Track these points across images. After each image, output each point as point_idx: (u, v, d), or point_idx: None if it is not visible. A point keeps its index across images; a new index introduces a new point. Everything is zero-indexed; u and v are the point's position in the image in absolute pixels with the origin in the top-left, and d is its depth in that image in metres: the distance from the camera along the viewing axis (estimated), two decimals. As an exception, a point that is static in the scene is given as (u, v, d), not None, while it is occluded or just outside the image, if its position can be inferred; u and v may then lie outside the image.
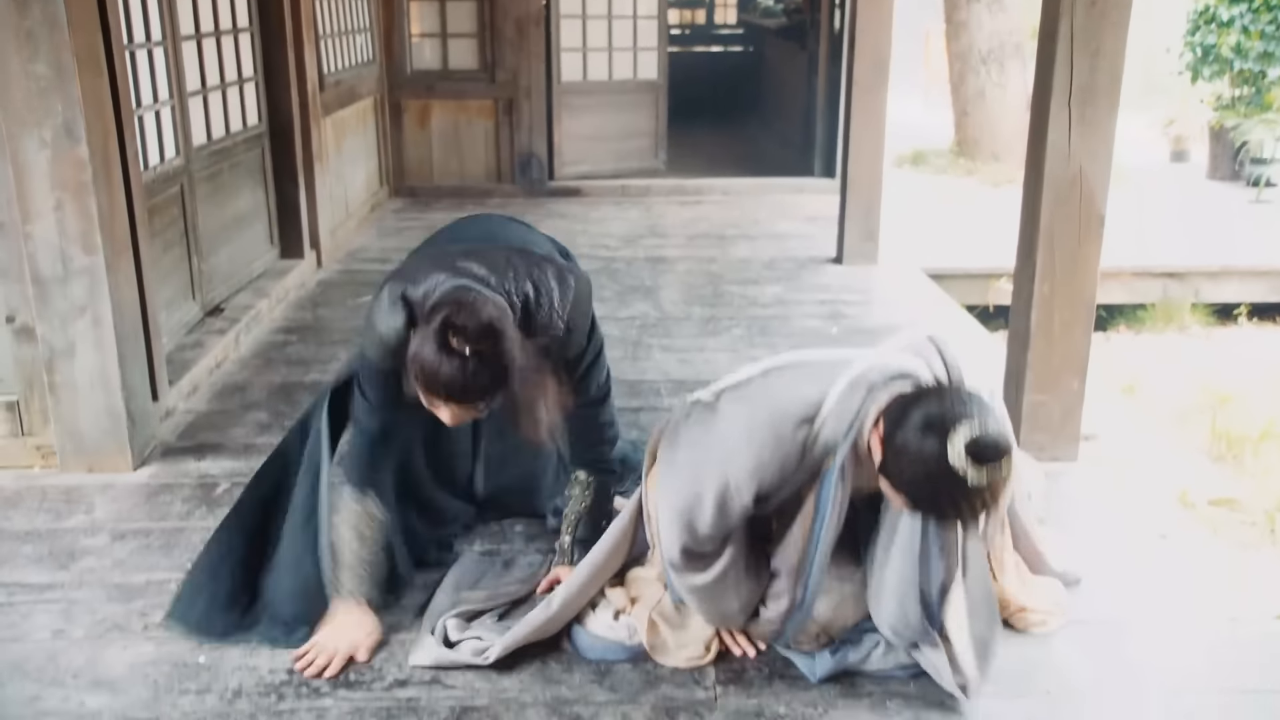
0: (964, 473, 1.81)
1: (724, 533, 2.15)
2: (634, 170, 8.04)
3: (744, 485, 2.05)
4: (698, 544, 2.15)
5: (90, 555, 2.74)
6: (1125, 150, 9.49)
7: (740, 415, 2.10)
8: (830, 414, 2.03)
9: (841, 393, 2.03)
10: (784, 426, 2.04)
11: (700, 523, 2.11)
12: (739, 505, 2.08)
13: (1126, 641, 2.40)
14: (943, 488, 1.85)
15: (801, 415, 2.04)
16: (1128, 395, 5.20)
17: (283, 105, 5.17)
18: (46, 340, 3.08)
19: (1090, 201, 3.11)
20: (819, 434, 2.04)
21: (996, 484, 1.84)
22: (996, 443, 1.82)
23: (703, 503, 2.09)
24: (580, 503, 2.56)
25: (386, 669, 2.29)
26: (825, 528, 2.11)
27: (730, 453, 2.07)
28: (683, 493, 2.12)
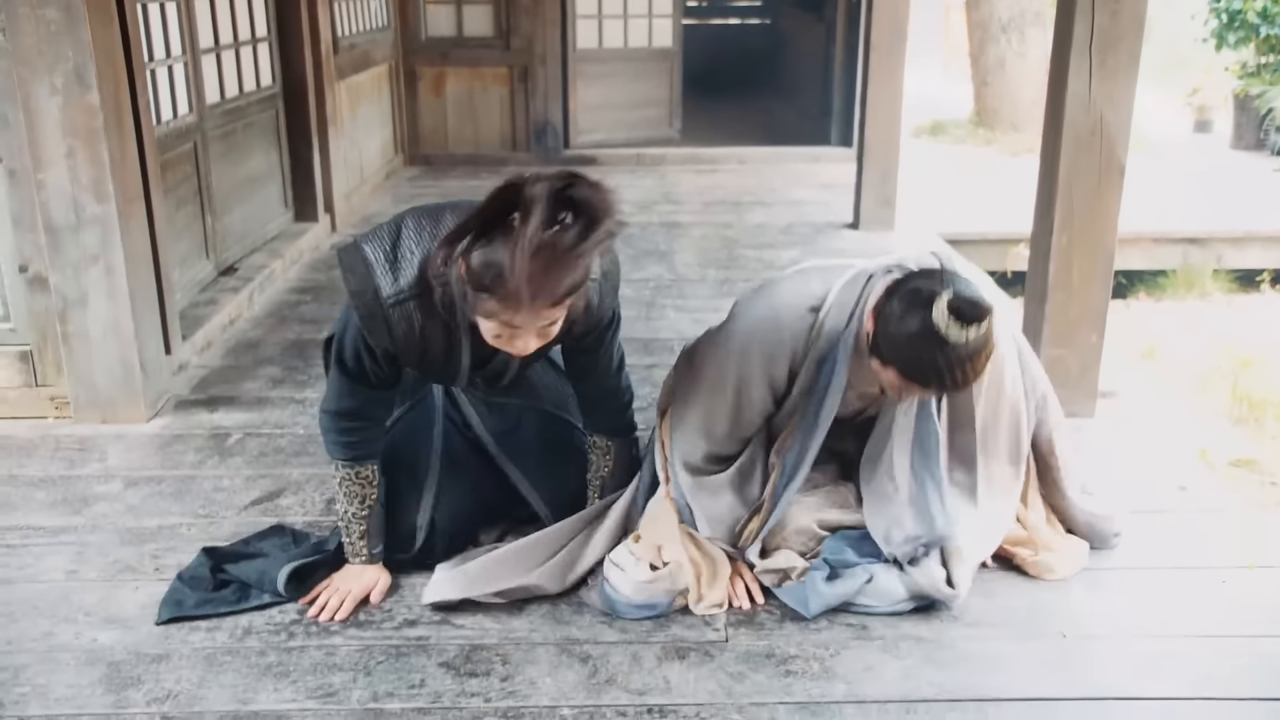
0: (946, 330, 1.90)
1: (742, 434, 2.26)
2: (649, 139, 8.00)
3: (757, 376, 2.18)
4: (717, 445, 2.25)
5: (103, 501, 2.74)
6: (1147, 122, 9.45)
7: (750, 314, 2.23)
8: (834, 304, 2.15)
9: (844, 285, 2.16)
10: (790, 315, 2.17)
11: (719, 423, 2.23)
12: (755, 400, 2.20)
13: (1142, 588, 2.37)
14: (926, 350, 1.93)
15: (807, 305, 2.17)
16: (1147, 359, 5.15)
17: (296, 66, 5.15)
18: (59, 290, 3.08)
19: (1110, 151, 3.06)
20: (823, 323, 2.15)
21: (979, 347, 1.93)
22: (977, 301, 1.91)
23: (720, 400, 2.21)
24: (603, 467, 2.47)
25: (396, 610, 2.28)
26: (824, 410, 2.19)
27: (743, 347, 2.19)
28: (701, 394, 2.24)
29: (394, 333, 2.02)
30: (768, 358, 2.18)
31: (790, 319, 2.16)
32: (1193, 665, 2.10)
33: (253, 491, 2.80)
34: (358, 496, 2.29)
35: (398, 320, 2.00)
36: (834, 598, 2.24)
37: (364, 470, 2.28)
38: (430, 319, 2.01)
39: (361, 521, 2.31)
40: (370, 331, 2.04)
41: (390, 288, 1.98)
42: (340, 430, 2.24)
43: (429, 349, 2.07)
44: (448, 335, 2.06)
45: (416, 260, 1.99)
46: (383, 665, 2.10)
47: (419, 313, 2.00)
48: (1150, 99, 10.61)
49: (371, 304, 2.00)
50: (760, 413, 2.25)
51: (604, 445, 2.46)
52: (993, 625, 2.23)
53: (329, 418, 2.24)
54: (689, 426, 2.30)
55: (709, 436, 2.28)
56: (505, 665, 2.10)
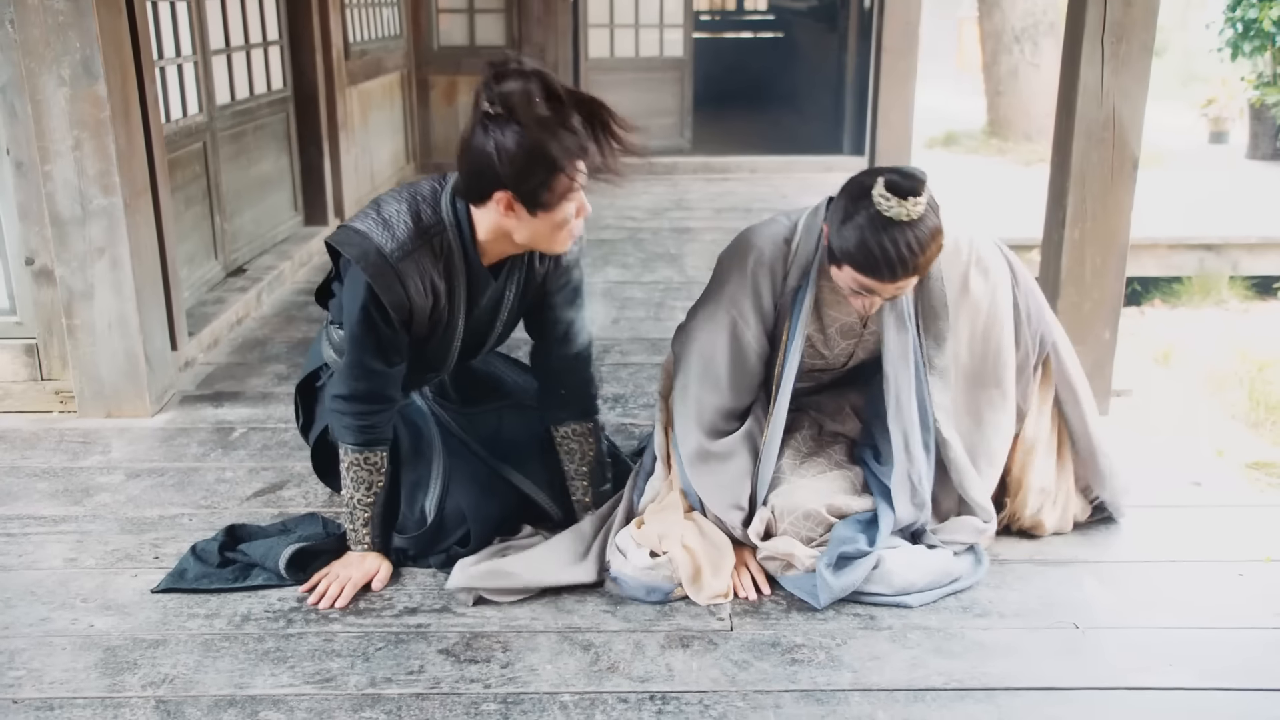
0: (887, 208, 2.00)
1: (747, 381, 2.33)
2: (660, 148, 7.98)
3: (749, 313, 2.28)
4: (724, 395, 2.31)
5: (105, 492, 2.72)
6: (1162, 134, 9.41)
7: (729, 261, 2.32)
8: (803, 231, 2.28)
9: (809, 213, 2.30)
10: (767, 250, 2.28)
11: (721, 370, 2.30)
12: (751, 340, 2.30)
13: (1156, 580, 2.32)
14: (873, 234, 2.02)
15: (781, 237, 2.29)
16: (1162, 365, 5.10)
17: (307, 71, 5.16)
18: (65, 282, 3.07)
19: (1123, 142, 3.02)
20: (797, 249, 2.27)
21: (923, 221, 2.02)
22: (910, 173, 2.03)
23: (719, 347, 2.29)
24: (588, 453, 2.44)
25: (397, 598, 2.25)
26: (795, 337, 2.28)
27: (731, 293, 2.28)
28: (700, 347, 2.32)
29: (406, 285, 2.11)
30: (754, 293, 2.28)
31: (767, 252, 2.27)
32: (1208, 656, 2.05)
33: (255, 483, 2.77)
34: (365, 483, 2.27)
35: (407, 274, 2.11)
36: (842, 589, 2.20)
37: (373, 456, 2.26)
38: (434, 264, 2.14)
39: (366, 508, 2.29)
40: (384, 289, 2.09)
41: (391, 244, 2.09)
42: (353, 414, 2.23)
43: (437, 303, 2.18)
44: (449, 280, 2.18)
45: (406, 215, 2.12)
46: (381, 652, 2.06)
47: (425, 260, 2.12)
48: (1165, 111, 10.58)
49: (378, 262, 2.08)
50: (758, 354, 2.32)
51: (582, 430, 2.43)
52: (1003, 616, 2.18)
53: (340, 401, 2.23)
54: (695, 383, 2.33)
55: (716, 387, 2.31)
56: (506, 652, 2.06)
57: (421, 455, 2.42)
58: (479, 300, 2.25)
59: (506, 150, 1.94)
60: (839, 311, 2.34)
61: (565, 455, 2.43)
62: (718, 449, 2.32)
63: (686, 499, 2.36)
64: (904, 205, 2.01)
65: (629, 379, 3.55)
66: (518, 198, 2.00)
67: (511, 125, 1.92)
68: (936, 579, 2.25)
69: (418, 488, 2.39)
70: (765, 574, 2.29)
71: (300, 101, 5.18)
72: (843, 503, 2.33)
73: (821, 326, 2.37)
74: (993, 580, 2.30)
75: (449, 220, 2.14)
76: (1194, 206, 6.95)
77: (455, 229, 2.14)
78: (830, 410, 2.60)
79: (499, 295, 2.28)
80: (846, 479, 2.41)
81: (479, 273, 2.20)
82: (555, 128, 1.92)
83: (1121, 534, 2.51)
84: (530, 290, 2.32)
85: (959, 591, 2.26)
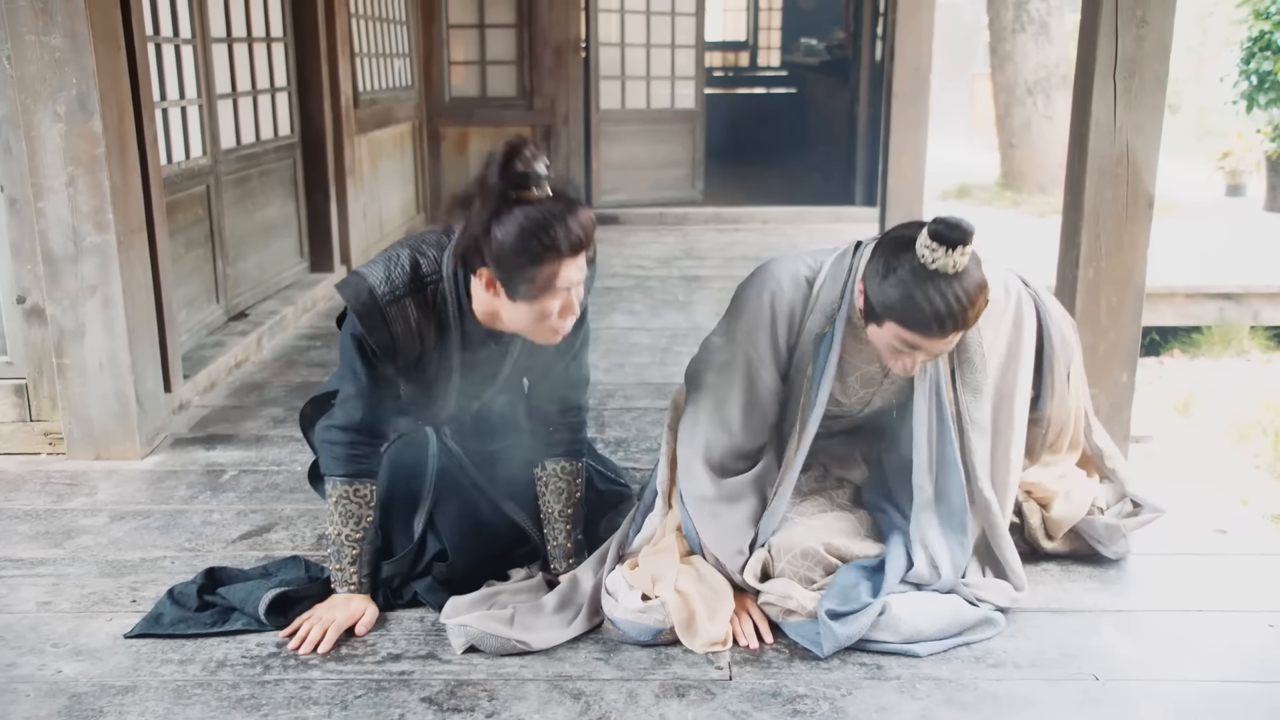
0: (933, 260, 1.89)
1: (758, 421, 2.22)
2: (672, 199, 7.97)
3: (764, 352, 2.17)
4: (735, 435, 2.20)
5: (87, 534, 2.64)
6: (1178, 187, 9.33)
7: (747, 296, 2.22)
8: (827, 276, 2.17)
9: (835, 259, 2.20)
10: (787, 288, 2.18)
11: (734, 410, 2.19)
12: (766, 379, 2.19)
13: (1181, 631, 2.20)
14: (918, 288, 1.91)
15: (803, 277, 2.20)
16: (1182, 414, 4.97)
17: (315, 117, 5.15)
18: (56, 321, 3.02)
19: (1137, 179, 2.94)
20: (819, 294, 2.17)
21: (971, 274, 1.92)
22: (957, 223, 1.91)
23: (733, 385, 2.19)
24: (575, 493, 2.34)
25: (381, 644, 2.15)
26: (820, 389, 2.17)
27: (747, 328, 2.18)
28: (713, 384, 2.21)
29: (391, 328, 2.08)
30: (770, 332, 2.18)
31: (788, 290, 2.18)
32: (1238, 711, 1.93)
33: (242, 526, 2.69)
34: (353, 517, 2.20)
35: (394, 316, 2.08)
36: (847, 637, 2.09)
37: (362, 489, 2.20)
38: (425, 314, 2.10)
39: (354, 545, 2.20)
40: (370, 327, 2.08)
41: (384, 286, 2.07)
42: (345, 444, 2.19)
43: (425, 349, 2.14)
44: (440, 331, 2.13)
45: (405, 261, 2.09)
46: (361, 700, 1.96)
47: (414, 308, 2.09)
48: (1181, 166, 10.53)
49: (368, 301, 2.07)
50: (772, 392, 2.22)
51: (570, 469, 2.34)
52: (1018, 666, 2.06)
53: (334, 431, 2.20)
54: (705, 421, 2.22)
55: (726, 426, 2.21)
56: (492, 701, 1.95)
57: (419, 476, 2.38)
58: (475, 353, 2.21)
59: (500, 230, 1.90)
60: (860, 360, 2.24)
61: (551, 494, 2.34)
62: (724, 491, 2.22)
63: (685, 540, 2.26)
64: (950, 256, 1.90)
65: (632, 423, 3.46)
66: (499, 280, 1.97)
67: (512, 209, 1.90)
68: (947, 628, 2.13)
69: (410, 508, 2.35)
70: (767, 620, 2.17)
71: (308, 148, 5.17)
72: (842, 544, 2.23)
73: (841, 375, 2.27)
74: (1007, 628, 2.18)
75: (447, 273, 2.10)
76: (1211, 256, 6.86)
77: (451, 282, 2.10)
78: (838, 454, 2.51)
79: (502, 351, 2.24)
80: (848, 520, 2.31)
81: (474, 329, 2.15)
82: (552, 223, 1.89)
83: (1143, 581, 2.39)
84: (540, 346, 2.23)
85: (971, 643, 2.14)
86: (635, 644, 2.12)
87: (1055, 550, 2.48)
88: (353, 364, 2.15)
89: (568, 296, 1.99)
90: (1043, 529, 2.47)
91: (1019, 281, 2.37)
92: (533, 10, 7.33)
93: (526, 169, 1.88)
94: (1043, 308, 2.38)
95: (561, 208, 1.91)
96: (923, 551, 2.21)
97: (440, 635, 2.17)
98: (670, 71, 7.92)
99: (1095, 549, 2.47)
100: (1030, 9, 9.40)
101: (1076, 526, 2.48)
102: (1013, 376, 2.30)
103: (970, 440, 2.22)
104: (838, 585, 2.16)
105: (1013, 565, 2.25)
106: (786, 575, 2.18)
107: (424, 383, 2.24)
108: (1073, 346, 2.46)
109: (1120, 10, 2.86)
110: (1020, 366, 2.31)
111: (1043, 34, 9.39)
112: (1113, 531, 2.44)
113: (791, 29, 13.39)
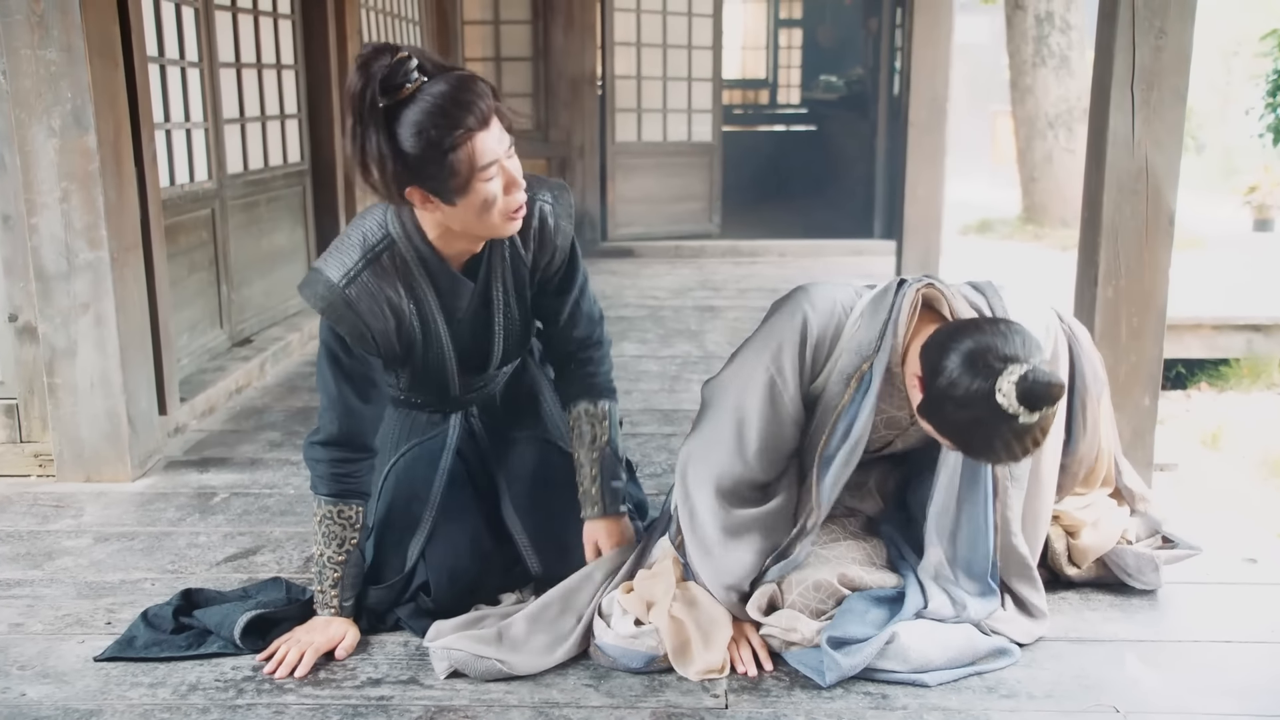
0: (1015, 415, 1.74)
1: (777, 448, 2.06)
2: (688, 232, 7.91)
3: (789, 371, 2.02)
4: (751, 463, 2.05)
5: (68, 555, 2.56)
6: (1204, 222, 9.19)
7: (780, 313, 2.08)
8: (864, 312, 2.02)
9: (874, 295, 2.04)
10: (822, 307, 2.04)
11: (752, 432, 2.03)
12: (788, 403, 2.03)
13: (1208, 662, 2.07)
14: (994, 430, 1.76)
15: (841, 304, 2.05)
16: (1211, 448, 4.82)
17: (326, 145, 5.13)
18: (48, 339, 2.96)
19: (1158, 194, 2.84)
20: (857, 328, 2.02)
21: (1047, 420, 1.77)
22: (1049, 382, 1.74)
23: (753, 402, 2.03)
24: (600, 435, 2.24)
25: (361, 668, 2.05)
26: (853, 435, 2.00)
27: (776, 345, 2.03)
28: (732, 400, 2.07)
29: (358, 310, 1.97)
30: (798, 355, 2.03)
31: (822, 316, 2.04)
32: (1272, 746, 1.79)
33: (228, 548, 2.60)
34: (336, 539, 2.10)
35: (357, 298, 1.97)
36: (851, 667, 1.97)
37: (347, 510, 2.10)
38: (386, 282, 1.99)
39: (336, 567, 2.11)
40: (336, 319, 1.98)
41: (338, 271, 1.98)
42: (328, 460, 2.09)
43: (401, 322, 2.03)
44: (412, 296, 2.03)
45: (353, 238, 2.01)
46: (335, 726, 1.86)
47: (373, 280, 1.98)
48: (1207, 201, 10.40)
49: (326, 294, 1.97)
50: (793, 418, 2.06)
51: (594, 411, 2.25)
52: (1033, 697, 1.93)
53: (316, 448, 2.10)
54: (721, 442, 2.07)
55: (742, 450, 2.05)
56: (472, 729, 1.85)
57: (411, 507, 2.27)
58: (458, 306, 2.10)
59: (398, 143, 1.79)
60: (889, 405, 2.09)
61: (576, 439, 2.26)
62: (730, 523, 2.07)
63: (680, 565, 2.15)
64: (1034, 415, 1.75)
65: (638, 449, 3.36)
66: (429, 191, 1.86)
67: (398, 115, 1.79)
68: (958, 656, 2.01)
69: (408, 532, 2.25)
70: (767, 647, 2.06)
71: (318, 176, 5.14)
72: (857, 574, 2.11)
73: None
74: (1023, 657, 2.05)
75: (396, 232, 2.00)
76: (1239, 288, 6.71)
77: (406, 240, 2.00)
78: (850, 485, 2.37)
79: (484, 296, 2.13)
80: (863, 550, 2.19)
81: (448, 278, 2.05)
82: (443, 107, 1.77)
83: (1169, 610, 2.26)
84: (528, 282, 2.15)
85: (983, 673, 2.02)
86: (627, 671, 2.01)
87: (1079, 577, 2.35)
88: (323, 372, 2.07)
89: (502, 171, 1.85)
90: (1066, 555, 2.35)
91: (1057, 319, 2.23)
92: (548, 44, 7.34)
93: (388, 69, 1.76)
94: (1075, 342, 2.26)
95: (445, 86, 1.78)
96: (942, 592, 2.09)
97: (423, 660, 2.07)
98: (687, 105, 7.89)
99: (1123, 580, 2.35)
100: (1050, 42, 9.35)
101: (1104, 557, 2.35)
102: None
103: (1008, 496, 2.09)
104: (842, 613, 2.05)
105: (1036, 605, 2.14)
106: (797, 607, 2.07)
107: (421, 363, 2.14)
108: (1104, 382, 2.35)
109: (1137, 20, 2.77)
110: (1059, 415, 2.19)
111: (1063, 67, 9.32)
112: (1143, 561, 2.31)
113: (811, 67, 13.41)
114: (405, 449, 2.36)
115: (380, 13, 6.09)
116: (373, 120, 1.79)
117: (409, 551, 2.23)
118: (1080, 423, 2.21)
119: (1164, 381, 6.01)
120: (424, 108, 1.78)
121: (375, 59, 1.77)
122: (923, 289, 2.02)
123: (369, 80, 1.77)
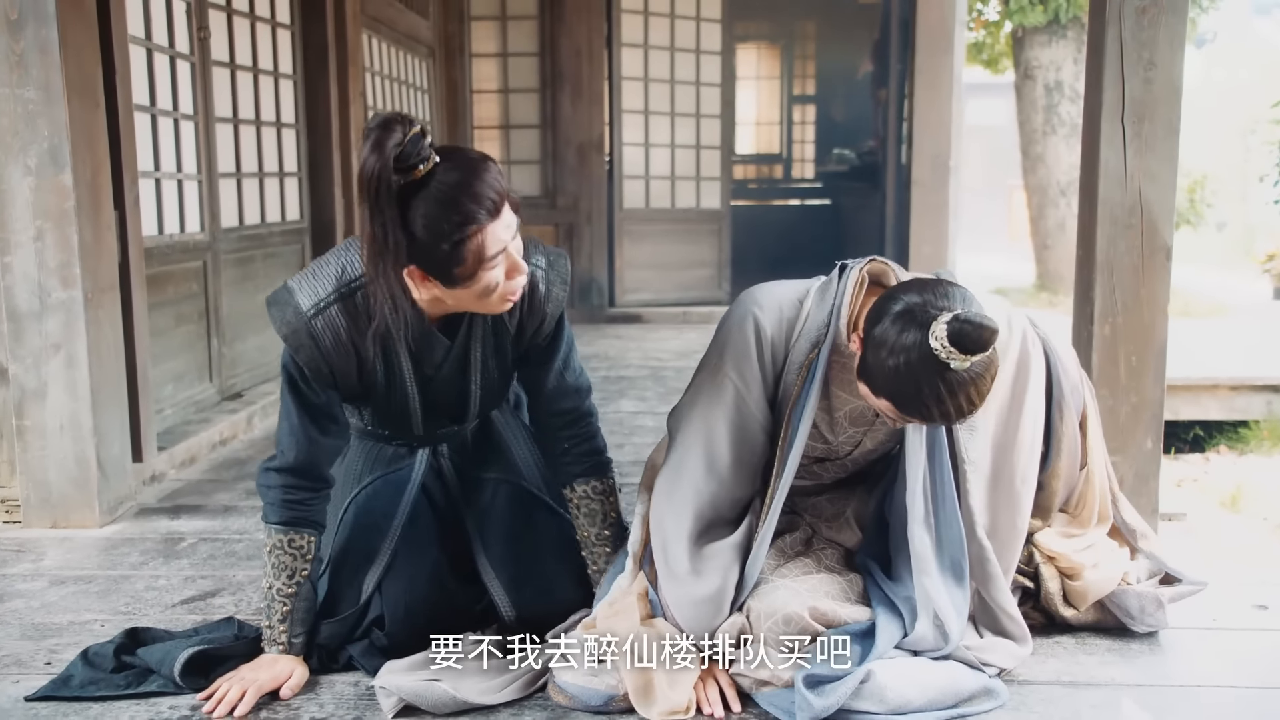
0: (947, 359, 1.70)
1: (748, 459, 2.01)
2: (697, 299, 7.86)
3: (753, 378, 1.98)
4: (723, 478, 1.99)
5: (20, 598, 2.47)
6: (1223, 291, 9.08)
7: (731, 322, 2.04)
8: (814, 300, 2.00)
9: (822, 283, 2.02)
10: (769, 307, 2.00)
11: (721, 446, 1.98)
12: (754, 410, 1.99)
13: (1216, 710, 1.93)
14: (925, 380, 1.72)
15: (792, 298, 2.02)
16: (1230, 509, 4.65)
17: (326, 205, 5.13)
18: (18, 380, 2.91)
19: (1153, 230, 2.76)
20: (807, 318, 1.98)
21: (982, 370, 1.73)
22: (981, 324, 1.69)
23: (720, 416, 1.98)
24: (609, 516, 2.17)
25: (305, 708, 1.93)
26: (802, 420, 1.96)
27: (736, 354, 1.99)
28: (699, 419, 2.00)
29: (320, 345, 1.91)
30: (756, 361, 1.99)
31: (771, 316, 2.00)
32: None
33: (188, 590, 2.50)
34: (286, 569, 2.01)
35: (321, 330, 1.92)
36: (825, 708, 1.83)
37: (298, 539, 2.02)
38: (355, 322, 1.92)
39: (286, 600, 2.01)
40: (296, 349, 1.92)
41: (309, 300, 1.91)
42: (281, 487, 2.02)
43: (364, 364, 1.96)
44: (382, 346, 1.96)
45: (330, 270, 1.94)
46: (267, 767, 1.74)
47: (342, 317, 1.91)
48: (1229, 275, 10.30)
49: (291, 320, 1.91)
50: (762, 426, 2.01)
51: (603, 487, 2.18)
52: (1020, 741, 1.80)
53: (271, 474, 2.04)
54: (691, 467, 2.00)
55: (714, 467, 1.99)
56: (413, 771, 1.72)
57: (380, 532, 2.17)
58: (429, 360, 2.03)
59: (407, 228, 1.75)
60: (850, 393, 2.03)
61: (585, 519, 2.16)
62: (715, 552, 1.99)
63: (648, 604, 2.03)
64: (966, 360, 1.70)
65: (625, 500, 3.24)
66: (430, 274, 1.81)
67: (410, 201, 1.74)
68: (939, 698, 1.87)
69: (364, 564, 2.14)
70: (735, 687, 1.93)
71: (317, 234, 5.13)
72: (829, 608, 1.99)
73: (829, 408, 2.07)
74: (1011, 701, 1.92)
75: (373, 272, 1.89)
76: (1258, 350, 6.58)
77: (381, 280, 1.88)
78: (827, 516, 2.28)
79: (462, 358, 2.06)
80: (837, 584, 2.07)
81: (423, 331, 1.97)
82: (457, 197, 1.74)
83: (1169, 655, 2.12)
84: (510, 343, 2.08)
85: (967, 716, 1.88)
86: (585, 710, 1.89)
87: (1077, 620, 2.22)
88: (284, 398, 2.01)
89: (507, 258, 1.82)
90: (1062, 595, 2.21)
91: (1025, 320, 2.17)
92: (556, 112, 7.39)
93: (401, 148, 1.70)
94: (1052, 353, 2.19)
95: (458, 173, 1.75)
96: (927, 614, 1.97)
97: (373, 701, 1.95)
98: (695, 172, 7.90)
99: (1124, 623, 2.21)
100: (1060, 111, 9.37)
101: (1104, 599, 2.22)
102: (1015, 422, 2.09)
103: (967, 480, 2.00)
104: (819, 650, 1.92)
105: (1012, 614, 2.02)
106: (766, 642, 1.95)
107: (383, 403, 2.07)
108: (1085, 400, 2.26)
109: (1125, 52, 2.72)
110: (1025, 414, 2.10)
111: (1074, 135, 9.31)
112: (1146, 600, 2.17)
113: (825, 141, 13.46)
114: (368, 481, 2.27)
115: (389, 79, 6.16)
116: (387, 203, 1.74)
117: (364, 583, 2.12)
118: (1058, 433, 2.11)
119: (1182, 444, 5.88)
120: (437, 198, 1.74)
121: (388, 135, 1.70)
122: (867, 266, 1.99)
123: (384, 161, 1.70)
